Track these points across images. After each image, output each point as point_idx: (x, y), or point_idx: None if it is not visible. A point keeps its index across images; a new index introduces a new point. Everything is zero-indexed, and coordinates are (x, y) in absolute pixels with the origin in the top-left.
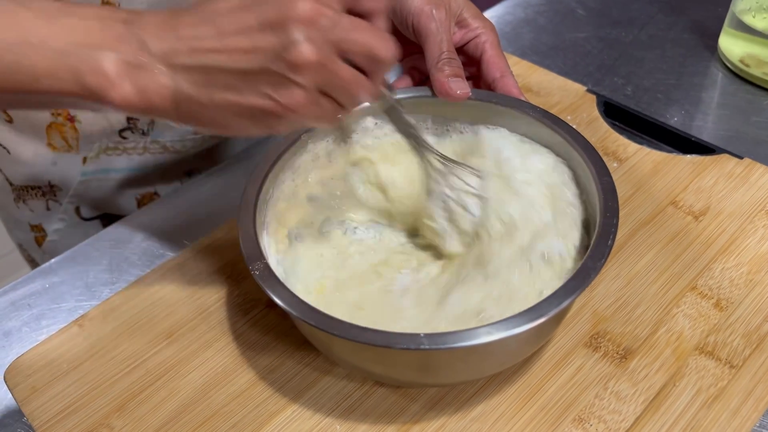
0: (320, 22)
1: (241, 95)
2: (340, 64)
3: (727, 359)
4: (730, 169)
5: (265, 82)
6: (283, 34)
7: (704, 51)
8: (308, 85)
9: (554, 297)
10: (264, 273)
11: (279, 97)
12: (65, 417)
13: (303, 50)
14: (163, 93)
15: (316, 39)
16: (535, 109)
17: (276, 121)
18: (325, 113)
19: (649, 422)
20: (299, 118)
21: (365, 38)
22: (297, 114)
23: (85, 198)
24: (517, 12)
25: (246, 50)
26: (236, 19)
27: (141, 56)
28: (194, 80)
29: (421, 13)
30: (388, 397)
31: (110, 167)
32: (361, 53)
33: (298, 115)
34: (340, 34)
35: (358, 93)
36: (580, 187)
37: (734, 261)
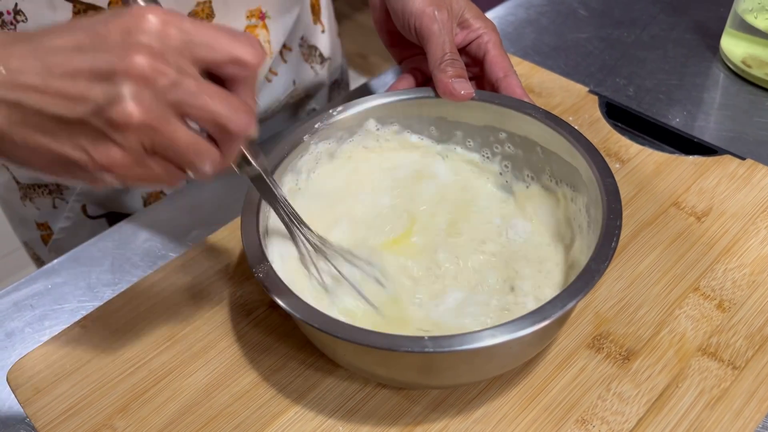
0: (157, 80)
1: (56, 142)
2: (175, 127)
3: (729, 360)
4: (732, 169)
5: (81, 133)
6: (111, 87)
7: (706, 51)
8: (129, 146)
9: (557, 300)
10: (267, 275)
11: (93, 153)
12: (68, 418)
13: (126, 108)
14: None
15: (146, 98)
16: (538, 110)
17: (90, 176)
18: (155, 175)
19: (652, 423)
20: (120, 177)
21: (211, 106)
22: (114, 172)
23: (91, 196)
24: (519, 12)
25: (69, 97)
26: (68, 60)
27: None
28: (10, 116)
29: (423, 14)
30: (390, 398)
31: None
32: (205, 121)
33: (117, 174)
34: (181, 97)
35: (197, 159)
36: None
37: (737, 262)
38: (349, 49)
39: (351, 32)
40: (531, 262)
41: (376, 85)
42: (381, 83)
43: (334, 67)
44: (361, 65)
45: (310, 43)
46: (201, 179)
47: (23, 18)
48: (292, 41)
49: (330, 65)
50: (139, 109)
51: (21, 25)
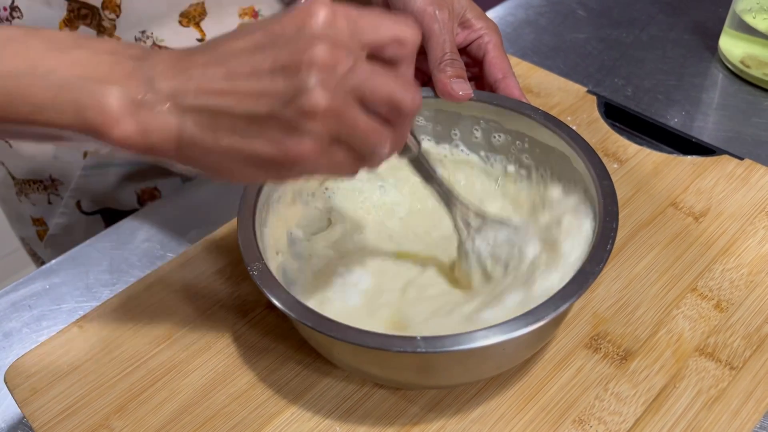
0: (337, 67)
1: (248, 141)
2: (357, 114)
3: (727, 361)
4: (730, 170)
5: (273, 128)
6: (296, 78)
7: (705, 52)
8: (319, 134)
9: (552, 301)
10: (262, 274)
11: (286, 145)
12: (65, 418)
13: (315, 96)
14: (166, 134)
15: (331, 85)
16: (536, 111)
17: (283, 170)
18: (340, 165)
19: (650, 423)
20: (309, 169)
21: (386, 86)
22: (306, 164)
23: (85, 192)
24: (518, 13)
25: (256, 94)
26: (248, 61)
27: (147, 94)
28: (200, 122)
29: (424, 14)
30: (387, 398)
31: (110, 161)
32: (381, 102)
33: (308, 166)
34: (359, 82)
35: (378, 145)
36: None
37: (735, 262)
38: None
39: None
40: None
41: None
42: None
43: None
44: None
45: None
46: (374, 168)
47: (19, 14)
48: None
49: None
50: (326, 96)
51: (17, 21)
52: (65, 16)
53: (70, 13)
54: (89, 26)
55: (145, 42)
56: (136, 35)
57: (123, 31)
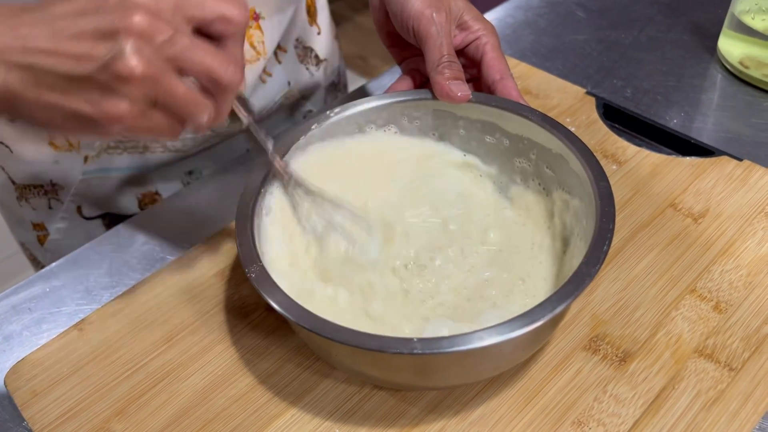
0: (155, 36)
1: (67, 99)
2: (173, 81)
3: (726, 362)
4: (729, 171)
5: (90, 89)
6: (114, 44)
7: (704, 53)
8: (134, 97)
9: (548, 302)
10: (259, 276)
11: (102, 105)
12: (66, 421)
13: (129, 62)
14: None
15: (146, 52)
16: (534, 113)
17: (102, 128)
18: (158, 127)
19: (648, 425)
20: (127, 129)
21: (205, 59)
22: (121, 124)
23: (86, 197)
24: (517, 14)
25: (76, 56)
26: (73, 24)
27: None
28: (24, 78)
29: (422, 16)
30: (387, 400)
31: (111, 166)
32: (199, 74)
33: (124, 125)
34: (176, 52)
35: (195, 111)
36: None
37: (733, 263)
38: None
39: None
40: (524, 263)
41: (374, 87)
42: (379, 85)
43: (330, 69)
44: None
45: (306, 44)
46: (199, 132)
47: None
48: (287, 42)
49: (326, 67)
50: (141, 62)
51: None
52: None
53: None
54: None
55: None
56: None
57: None
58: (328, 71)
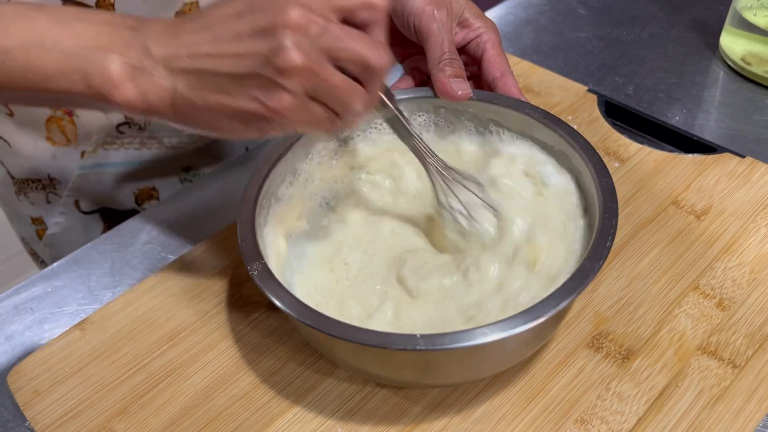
0: (310, 28)
1: (232, 98)
2: (331, 71)
3: (729, 359)
4: (732, 168)
5: (254, 86)
6: (273, 39)
7: (706, 49)
8: (296, 90)
9: (551, 298)
10: (262, 274)
11: (267, 100)
12: (68, 421)
13: (290, 55)
14: (162, 95)
15: (304, 45)
16: (536, 110)
17: (266, 125)
18: (318, 119)
19: (652, 423)
20: (289, 123)
21: (356, 46)
22: (285, 118)
23: (83, 192)
24: (518, 12)
25: (238, 55)
26: (231, 26)
27: (144, 60)
28: (190, 83)
29: (423, 13)
30: (389, 399)
31: (107, 162)
32: (352, 61)
33: (287, 120)
34: (330, 42)
35: (351, 100)
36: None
37: (737, 260)
38: None
39: None
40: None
41: None
42: None
43: None
44: None
45: None
46: (352, 124)
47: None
48: None
49: None
50: (300, 54)
51: None
52: None
53: None
54: None
55: None
56: None
57: None
58: None
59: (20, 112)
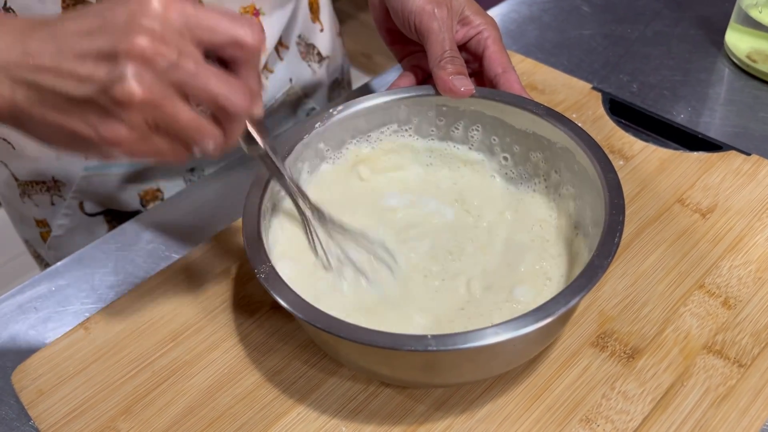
0: (156, 60)
1: (68, 120)
2: (178, 107)
3: (735, 358)
4: (737, 165)
5: (90, 111)
6: (114, 67)
7: (711, 47)
8: (134, 122)
9: (561, 296)
10: (269, 275)
11: (101, 129)
12: (72, 420)
13: (128, 87)
14: (2, 104)
15: (147, 78)
16: (539, 106)
17: (101, 150)
18: (161, 151)
19: (657, 422)
20: (128, 152)
21: (211, 86)
22: (120, 147)
23: (88, 193)
24: (521, 10)
25: (78, 77)
26: (78, 43)
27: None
28: (29, 96)
29: (423, 12)
30: (394, 398)
31: (112, 163)
32: (206, 101)
33: (123, 149)
34: (181, 77)
35: (200, 138)
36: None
37: (742, 259)
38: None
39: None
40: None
41: (377, 85)
42: (383, 82)
43: (333, 67)
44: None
45: (308, 41)
46: (207, 157)
47: (13, 14)
48: (289, 39)
49: (329, 64)
50: (140, 87)
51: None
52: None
53: (65, 8)
54: None
55: None
56: None
57: None
58: (330, 69)
59: None
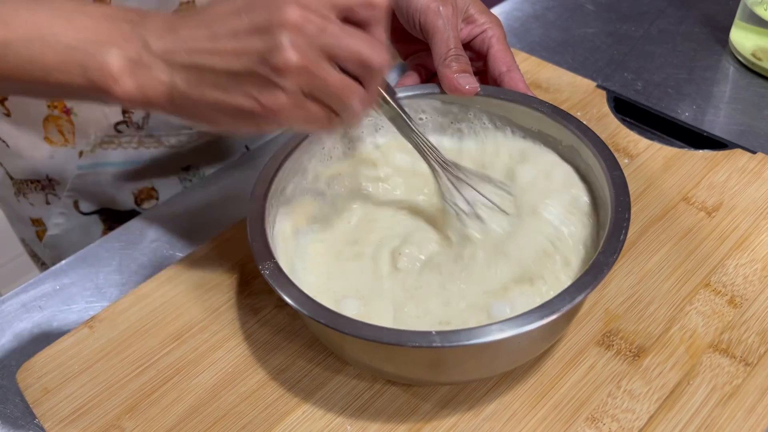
0: (307, 27)
1: (228, 94)
2: (328, 70)
3: (741, 357)
4: (743, 164)
5: (250, 83)
6: (270, 38)
7: (715, 45)
8: (292, 89)
9: (566, 293)
10: (274, 272)
11: (261, 98)
12: (77, 418)
13: (286, 54)
14: (160, 89)
15: (301, 44)
16: (544, 104)
17: (261, 121)
18: (315, 118)
19: (663, 421)
20: (285, 121)
21: (355, 45)
22: (280, 116)
23: (82, 192)
24: (525, 8)
25: (235, 52)
26: (229, 24)
27: (142, 54)
28: (188, 78)
29: (428, 10)
30: (399, 396)
31: (106, 161)
32: (350, 60)
33: (282, 117)
34: (328, 40)
35: (348, 99)
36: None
37: (748, 257)
38: None
39: None
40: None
41: None
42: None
43: None
44: None
45: None
46: (351, 123)
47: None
48: None
49: None
50: (296, 53)
51: None
52: None
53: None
54: None
55: None
56: None
57: None
58: None
59: (18, 111)
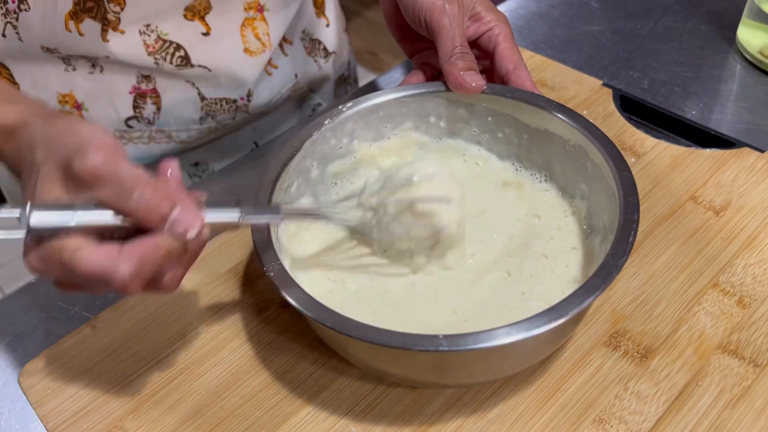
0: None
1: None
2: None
3: (751, 358)
4: (751, 162)
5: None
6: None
7: (722, 42)
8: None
9: (575, 296)
10: (278, 273)
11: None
12: (79, 419)
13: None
14: None
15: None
16: (551, 103)
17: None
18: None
19: (672, 423)
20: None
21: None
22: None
23: None
24: (530, 5)
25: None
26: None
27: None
28: None
29: (434, 8)
30: (404, 398)
31: None
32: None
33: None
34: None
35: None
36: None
37: (757, 257)
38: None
39: (360, 29)
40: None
41: (384, 82)
42: (390, 80)
43: (340, 63)
44: (370, 62)
45: (313, 36)
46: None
47: (26, 6)
48: (293, 34)
49: (335, 60)
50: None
51: (24, 13)
52: (71, 9)
53: (76, 6)
54: (94, 19)
55: (149, 35)
56: (141, 29)
57: (127, 25)
58: (337, 64)
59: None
